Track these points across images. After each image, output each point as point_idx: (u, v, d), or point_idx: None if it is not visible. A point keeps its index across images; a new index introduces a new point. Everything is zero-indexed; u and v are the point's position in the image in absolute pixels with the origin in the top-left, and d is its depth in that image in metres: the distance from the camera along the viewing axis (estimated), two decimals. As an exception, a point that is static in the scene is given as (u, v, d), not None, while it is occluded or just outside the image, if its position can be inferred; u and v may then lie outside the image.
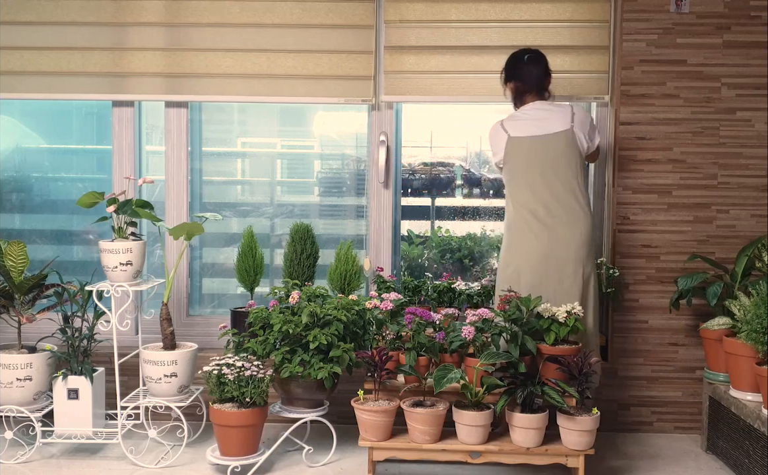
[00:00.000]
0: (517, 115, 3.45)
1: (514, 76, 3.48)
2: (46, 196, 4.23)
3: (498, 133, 3.44)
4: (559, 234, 3.31)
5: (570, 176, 3.35)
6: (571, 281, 3.30)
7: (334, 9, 3.86)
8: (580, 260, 3.31)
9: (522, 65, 3.46)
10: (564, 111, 3.41)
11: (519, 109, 3.47)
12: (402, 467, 3.34)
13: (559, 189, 3.33)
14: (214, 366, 3.22)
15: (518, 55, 3.50)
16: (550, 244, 3.30)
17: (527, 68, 3.45)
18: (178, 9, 3.88)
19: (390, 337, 3.23)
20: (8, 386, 3.34)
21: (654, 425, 3.88)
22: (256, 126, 4.31)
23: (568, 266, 3.30)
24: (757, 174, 3.79)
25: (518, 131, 3.39)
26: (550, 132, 3.36)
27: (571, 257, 3.30)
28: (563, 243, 3.30)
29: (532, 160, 3.36)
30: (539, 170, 3.35)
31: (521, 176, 3.37)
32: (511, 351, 3.08)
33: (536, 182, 3.34)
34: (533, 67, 3.44)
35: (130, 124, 3.98)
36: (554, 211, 3.32)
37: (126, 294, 3.42)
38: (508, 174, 3.42)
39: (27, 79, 3.91)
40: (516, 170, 3.39)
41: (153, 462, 3.37)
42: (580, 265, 3.31)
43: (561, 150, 3.35)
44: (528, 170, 3.36)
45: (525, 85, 3.46)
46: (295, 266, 3.77)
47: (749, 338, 3.16)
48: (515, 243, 3.37)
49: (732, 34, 3.75)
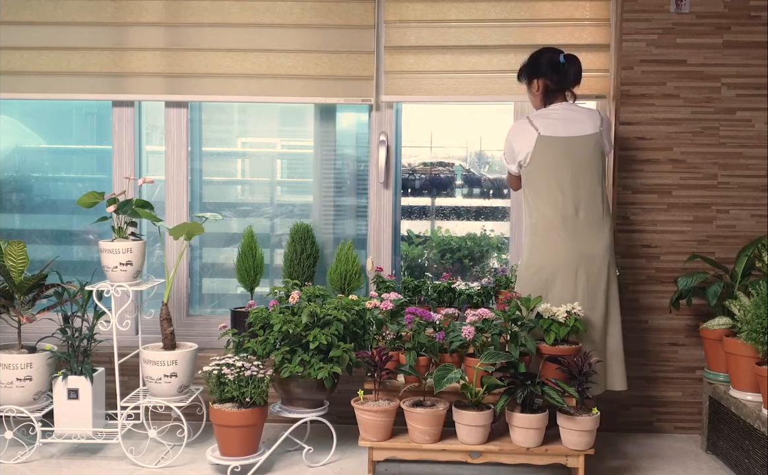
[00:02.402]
0: (547, 114, 3.37)
1: (544, 74, 3.38)
2: (46, 196, 4.23)
3: (526, 130, 3.34)
4: (589, 236, 3.29)
5: (596, 180, 3.32)
6: (599, 283, 3.29)
7: (334, 9, 3.86)
8: (606, 262, 3.31)
9: (558, 65, 3.37)
10: (593, 114, 3.38)
11: (548, 108, 3.38)
12: (402, 467, 3.34)
13: (587, 191, 3.30)
14: (214, 366, 3.22)
15: (550, 54, 3.40)
16: (582, 245, 3.27)
17: (564, 68, 3.37)
18: (178, 9, 3.88)
19: (390, 337, 3.23)
20: (8, 386, 3.34)
21: (654, 425, 3.88)
22: (256, 126, 4.31)
23: (597, 267, 3.28)
24: (757, 174, 3.79)
25: (550, 130, 3.31)
26: (582, 134, 3.32)
27: (599, 258, 3.29)
28: (593, 245, 3.29)
29: (564, 161, 3.30)
30: (570, 171, 3.29)
31: (552, 177, 3.30)
32: (511, 351, 3.08)
33: (567, 183, 3.29)
34: (571, 68, 3.37)
35: (130, 124, 3.98)
36: (583, 213, 3.29)
37: (126, 294, 3.42)
38: (534, 174, 3.33)
39: (27, 79, 3.91)
40: (545, 170, 3.31)
41: (153, 462, 3.37)
42: (607, 267, 3.30)
43: (590, 153, 3.32)
44: (559, 171, 3.29)
45: (559, 84, 3.38)
46: (295, 266, 3.77)
47: (749, 338, 3.16)
48: (544, 246, 3.31)
49: (732, 34, 3.75)
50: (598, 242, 3.30)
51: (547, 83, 3.39)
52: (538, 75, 3.40)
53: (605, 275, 3.30)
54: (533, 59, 3.44)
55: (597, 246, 3.30)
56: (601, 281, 3.30)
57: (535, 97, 3.44)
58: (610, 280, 3.32)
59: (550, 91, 3.40)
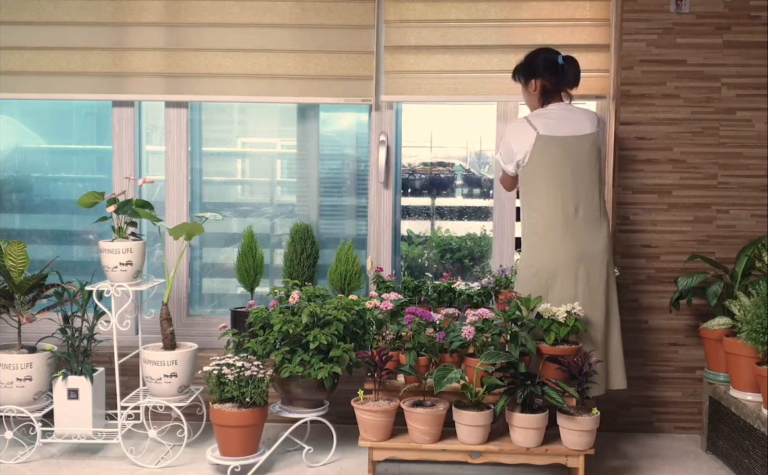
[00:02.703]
0: (545, 114, 3.36)
1: (542, 75, 3.37)
2: (46, 196, 4.23)
3: (524, 129, 3.33)
4: (589, 235, 3.29)
5: (594, 179, 3.32)
6: (600, 282, 3.29)
7: (334, 9, 3.86)
8: (606, 261, 3.31)
9: (557, 66, 3.36)
10: (590, 115, 3.38)
11: (546, 108, 3.37)
12: (402, 467, 3.34)
13: (586, 191, 3.30)
14: (214, 366, 3.22)
15: (547, 54, 3.40)
16: (582, 244, 3.27)
17: (563, 70, 3.36)
18: (178, 9, 3.88)
19: (390, 337, 3.23)
20: (8, 386, 3.34)
21: (654, 425, 3.88)
22: (256, 126, 4.31)
23: (597, 266, 3.29)
24: (757, 174, 3.79)
25: (549, 130, 3.30)
26: (580, 134, 3.31)
27: (599, 257, 3.29)
28: (592, 244, 3.29)
29: (563, 160, 3.29)
30: (570, 171, 3.29)
31: (551, 176, 3.29)
32: (511, 351, 3.08)
33: (567, 183, 3.28)
34: (570, 69, 3.37)
35: (130, 124, 3.98)
36: (582, 212, 3.29)
37: (126, 294, 3.42)
38: (533, 174, 3.32)
39: (27, 79, 3.91)
40: (544, 170, 3.30)
41: (153, 462, 3.37)
42: (606, 266, 3.31)
43: (588, 153, 3.31)
44: (558, 170, 3.29)
45: (557, 85, 3.37)
46: (295, 266, 3.77)
47: (749, 338, 3.16)
48: (544, 246, 3.30)
49: (732, 34, 3.75)
50: (597, 241, 3.30)
51: (544, 84, 3.38)
52: (536, 75, 3.39)
53: (605, 274, 3.30)
54: (530, 59, 3.42)
55: (596, 245, 3.30)
56: (601, 280, 3.30)
57: (532, 97, 3.42)
58: (609, 279, 3.32)
59: (547, 92, 3.38)
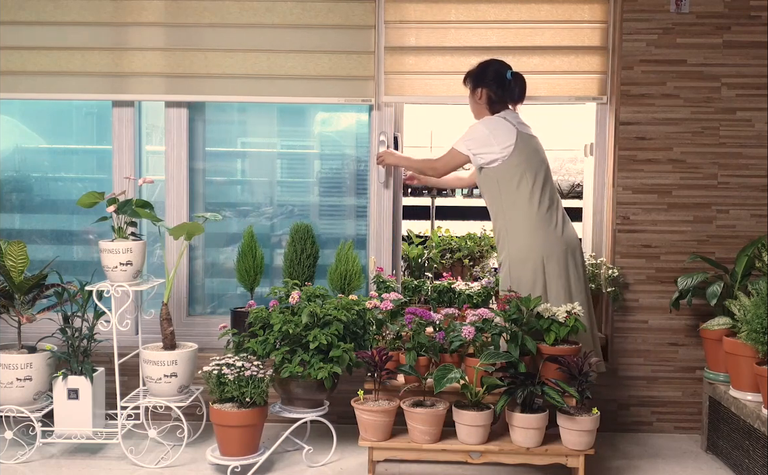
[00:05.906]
0: (510, 116, 3.48)
1: (489, 85, 3.49)
2: (46, 196, 4.23)
3: (504, 125, 3.43)
4: (567, 225, 3.46)
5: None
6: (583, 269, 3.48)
7: (334, 9, 3.86)
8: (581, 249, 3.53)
9: (504, 80, 3.48)
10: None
11: (503, 112, 3.48)
12: (402, 467, 3.34)
13: (554, 185, 3.50)
14: (214, 366, 3.22)
15: (497, 66, 3.51)
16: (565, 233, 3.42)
17: (509, 85, 3.48)
18: (178, 9, 3.88)
19: (390, 337, 3.23)
20: (8, 386, 3.34)
21: (654, 425, 3.88)
22: (256, 126, 4.31)
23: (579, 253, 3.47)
24: (757, 174, 3.79)
25: (523, 128, 3.47)
26: (535, 135, 3.51)
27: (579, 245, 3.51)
28: (573, 232, 3.48)
29: (537, 157, 3.45)
30: (543, 167, 3.46)
31: (538, 169, 3.42)
32: (511, 351, 3.09)
33: (542, 178, 3.42)
34: (517, 86, 3.49)
35: (130, 124, 3.98)
36: (557, 204, 3.46)
37: (126, 294, 3.42)
38: (517, 168, 3.39)
39: (27, 79, 3.91)
40: (529, 163, 3.40)
41: (153, 462, 3.37)
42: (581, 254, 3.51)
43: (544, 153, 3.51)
44: (540, 164, 3.44)
45: (502, 99, 3.49)
46: (295, 266, 3.77)
47: (749, 338, 3.16)
48: (529, 237, 3.37)
49: (732, 34, 3.75)
50: (573, 230, 3.47)
51: (490, 95, 3.50)
52: (483, 84, 3.51)
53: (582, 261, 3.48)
54: (481, 68, 3.54)
55: (574, 234, 3.47)
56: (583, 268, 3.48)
57: (478, 105, 3.54)
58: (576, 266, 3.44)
59: (493, 103, 3.50)
